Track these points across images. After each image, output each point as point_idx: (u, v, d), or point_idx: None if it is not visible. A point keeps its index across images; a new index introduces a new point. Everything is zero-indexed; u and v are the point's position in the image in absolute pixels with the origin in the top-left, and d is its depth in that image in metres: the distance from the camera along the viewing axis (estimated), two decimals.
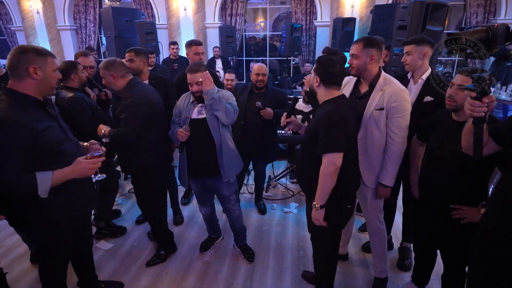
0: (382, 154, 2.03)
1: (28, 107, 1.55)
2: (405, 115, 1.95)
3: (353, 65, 2.00)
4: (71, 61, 2.62)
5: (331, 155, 1.69)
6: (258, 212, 3.47)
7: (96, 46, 8.78)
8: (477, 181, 1.72)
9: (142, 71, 2.82)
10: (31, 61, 1.53)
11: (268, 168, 4.45)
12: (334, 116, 1.70)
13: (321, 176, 1.73)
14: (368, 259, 2.68)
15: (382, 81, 1.99)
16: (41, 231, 1.73)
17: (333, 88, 1.80)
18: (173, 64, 5.53)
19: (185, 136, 2.28)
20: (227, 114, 2.26)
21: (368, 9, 7.13)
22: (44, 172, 1.53)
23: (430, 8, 3.11)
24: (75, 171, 1.60)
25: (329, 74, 1.78)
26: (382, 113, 1.95)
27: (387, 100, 1.93)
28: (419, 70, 2.23)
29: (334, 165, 1.69)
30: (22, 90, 1.56)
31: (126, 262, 2.70)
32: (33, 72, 1.54)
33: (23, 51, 1.54)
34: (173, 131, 2.41)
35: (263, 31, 11.27)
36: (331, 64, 1.78)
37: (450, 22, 9.29)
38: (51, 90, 1.66)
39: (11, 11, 8.70)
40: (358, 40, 1.99)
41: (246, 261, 2.68)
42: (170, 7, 7.82)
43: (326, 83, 1.79)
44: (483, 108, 1.21)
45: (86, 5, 8.59)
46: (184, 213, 3.42)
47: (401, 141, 1.97)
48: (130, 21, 5.88)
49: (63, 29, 8.66)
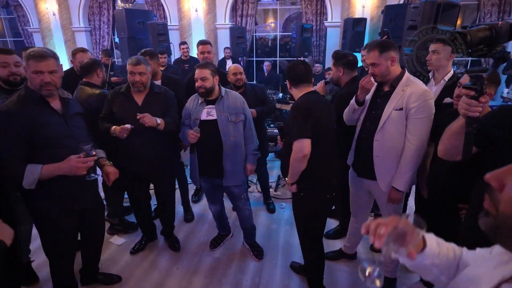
0: (399, 158, 1.96)
1: (32, 102, 1.71)
2: (426, 118, 1.87)
3: (376, 73, 1.94)
4: (94, 58, 2.76)
5: (298, 142, 1.88)
6: (267, 210, 3.51)
7: (110, 47, 8.95)
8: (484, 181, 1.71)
9: (157, 72, 2.90)
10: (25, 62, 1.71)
11: (277, 167, 4.49)
12: (298, 106, 1.94)
13: (291, 161, 1.94)
14: (377, 259, 2.68)
15: (404, 81, 1.93)
16: (35, 216, 1.88)
17: (303, 86, 2.00)
18: (184, 64, 5.60)
19: (196, 137, 2.31)
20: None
21: (379, 9, 7.08)
22: (34, 165, 1.67)
23: (441, 8, 3.10)
24: (63, 167, 1.70)
25: (295, 76, 2.00)
26: (402, 114, 1.89)
27: (406, 100, 1.87)
28: (443, 70, 2.18)
29: (301, 152, 1.88)
30: (30, 86, 1.74)
31: (138, 257, 2.77)
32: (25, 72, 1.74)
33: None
34: (183, 133, 2.45)
35: (274, 32, 11.29)
36: (294, 67, 2.01)
37: (464, 21, 9.15)
38: (39, 89, 1.72)
39: (28, 13, 8.95)
40: (371, 48, 1.93)
41: (255, 258, 2.72)
42: (181, 9, 7.93)
43: (295, 84, 2.02)
44: (478, 108, 1.18)
45: (100, 7, 8.77)
46: (195, 210, 3.47)
47: (419, 145, 1.89)
48: (142, 23, 5.98)
49: (78, 30, 8.87)
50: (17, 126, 1.63)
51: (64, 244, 1.97)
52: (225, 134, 2.36)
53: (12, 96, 1.73)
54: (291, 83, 2.04)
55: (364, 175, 2.16)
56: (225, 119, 2.36)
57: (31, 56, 1.68)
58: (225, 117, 2.36)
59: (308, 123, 1.87)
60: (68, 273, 2.08)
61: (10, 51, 2.19)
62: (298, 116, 1.90)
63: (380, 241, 0.78)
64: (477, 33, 1.16)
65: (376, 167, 2.01)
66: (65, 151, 1.74)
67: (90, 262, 2.37)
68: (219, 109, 2.37)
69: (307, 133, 1.87)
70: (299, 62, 2.04)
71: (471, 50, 1.18)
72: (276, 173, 4.34)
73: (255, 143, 2.54)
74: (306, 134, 1.87)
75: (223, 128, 2.35)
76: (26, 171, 1.64)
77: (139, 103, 2.39)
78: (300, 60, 2.10)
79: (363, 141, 2.12)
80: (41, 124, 1.69)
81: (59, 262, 2.01)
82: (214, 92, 2.38)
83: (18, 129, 1.63)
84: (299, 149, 1.88)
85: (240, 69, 3.01)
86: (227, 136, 2.36)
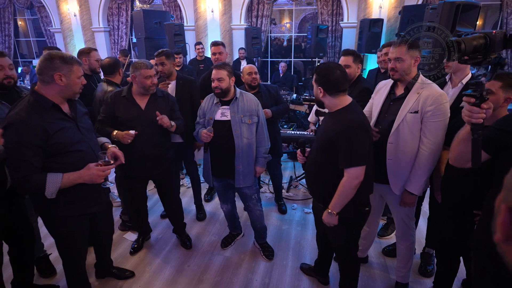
0: (413, 161, 1.94)
1: (43, 110, 1.64)
2: (442, 121, 1.84)
3: (397, 68, 1.91)
4: (116, 58, 2.87)
5: (355, 169, 1.68)
6: (278, 211, 3.51)
7: (127, 47, 9.14)
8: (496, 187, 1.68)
9: (172, 72, 2.96)
10: (57, 68, 1.62)
11: (290, 168, 4.49)
12: (355, 128, 1.66)
13: (342, 188, 1.73)
14: (388, 264, 2.65)
15: (419, 84, 1.91)
16: (50, 225, 1.86)
17: (341, 95, 1.75)
18: (199, 64, 5.67)
19: (209, 137, 2.35)
20: None
21: (397, 10, 6.96)
22: (55, 174, 1.64)
23: (460, 9, 3.02)
24: (84, 176, 1.70)
25: (332, 82, 1.72)
26: (417, 117, 1.87)
27: (422, 103, 1.84)
28: (461, 73, 2.14)
29: (357, 179, 1.69)
30: (44, 93, 1.66)
31: (150, 253, 2.83)
32: (58, 79, 1.64)
33: (50, 58, 1.63)
34: (197, 132, 2.49)
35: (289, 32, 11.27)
36: (330, 71, 1.73)
37: (486, 22, 8.88)
38: (73, 95, 1.76)
39: (51, 14, 9.23)
40: (400, 42, 1.90)
41: (266, 259, 2.73)
42: (198, 9, 8.01)
43: (332, 93, 1.74)
44: (481, 114, 1.17)
45: (119, 8, 8.96)
46: (207, 209, 3.51)
47: (434, 148, 1.87)
48: (159, 23, 6.09)
49: (97, 30, 9.09)
50: (34, 136, 1.57)
51: (78, 246, 1.99)
52: (238, 135, 2.38)
53: (21, 104, 1.64)
54: (326, 91, 1.74)
55: (376, 178, 2.13)
56: (239, 121, 2.38)
57: (76, 62, 1.69)
58: (239, 119, 2.38)
59: (366, 146, 1.68)
60: (81, 270, 2.11)
61: (3, 54, 2.11)
62: (356, 139, 1.65)
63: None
64: (471, 41, 1.16)
65: (388, 170, 1.99)
66: (76, 156, 1.73)
67: (103, 256, 2.44)
68: (233, 110, 2.39)
69: (364, 159, 1.68)
70: (335, 65, 1.76)
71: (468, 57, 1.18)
72: (288, 174, 4.34)
73: (267, 146, 2.54)
74: (363, 160, 1.68)
75: (236, 129, 2.37)
76: (48, 181, 1.62)
77: (142, 107, 2.42)
78: (334, 63, 1.80)
79: (375, 145, 2.10)
80: (55, 131, 1.64)
81: (72, 262, 2.03)
82: (229, 93, 2.41)
83: (35, 139, 1.58)
84: (355, 176, 1.68)
85: (254, 68, 3.02)
86: (240, 137, 2.38)
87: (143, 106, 2.43)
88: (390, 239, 2.94)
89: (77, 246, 1.98)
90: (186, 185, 4.11)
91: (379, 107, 2.11)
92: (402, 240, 2.23)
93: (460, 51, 1.17)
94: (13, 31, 10.01)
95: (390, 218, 3.04)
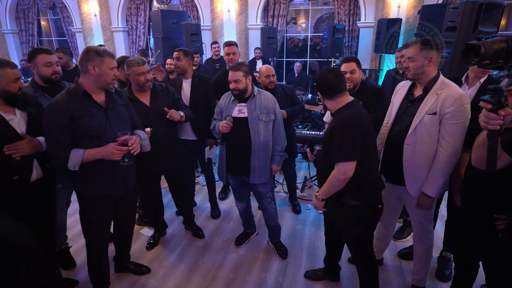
0: (430, 163, 1.91)
1: (76, 96, 1.86)
2: (461, 123, 1.80)
3: (410, 68, 1.90)
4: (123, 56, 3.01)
5: (343, 164, 1.74)
6: (293, 211, 3.51)
7: (145, 46, 9.31)
8: None
9: (187, 70, 3.01)
10: (91, 59, 1.84)
11: (304, 168, 4.48)
12: (346, 122, 1.74)
13: (331, 179, 1.81)
14: (404, 266, 2.62)
15: (439, 85, 1.87)
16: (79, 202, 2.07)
17: (339, 96, 1.83)
18: (215, 64, 5.72)
19: (228, 127, 2.38)
20: None
21: (416, 9, 6.83)
22: (77, 149, 1.85)
23: (483, 8, 2.95)
24: (101, 152, 1.87)
25: (327, 86, 1.82)
26: (435, 118, 1.83)
27: (441, 104, 1.81)
28: (478, 73, 2.12)
29: (344, 174, 1.75)
30: (83, 82, 1.89)
31: (166, 250, 2.88)
32: (91, 69, 1.84)
33: (86, 51, 1.87)
34: (214, 126, 2.53)
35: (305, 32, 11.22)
36: (324, 76, 1.83)
37: (510, 22, 8.60)
38: (106, 85, 1.93)
39: (72, 14, 9.50)
40: (415, 42, 1.90)
41: (279, 258, 2.74)
42: (214, 9, 8.08)
43: (328, 96, 1.84)
44: (498, 121, 1.14)
45: (138, 8, 9.14)
46: (221, 207, 3.54)
47: (453, 151, 1.83)
48: (177, 23, 6.18)
49: (116, 30, 9.29)
50: (60, 117, 1.80)
51: (98, 227, 2.12)
52: (255, 132, 2.41)
53: (60, 93, 1.88)
54: (323, 95, 1.88)
55: (393, 180, 2.11)
56: (256, 118, 2.41)
57: (108, 54, 1.88)
58: (256, 116, 2.41)
59: (356, 142, 1.71)
60: (101, 254, 2.21)
61: (50, 51, 2.27)
62: (346, 134, 1.72)
63: None
64: (492, 45, 1.12)
65: (405, 172, 1.97)
66: (102, 140, 1.89)
67: (122, 250, 2.51)
68: (251, 107, 2.42)
69: (354, 155, 1.72)
70: (327, 71, 1.87)
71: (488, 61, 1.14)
72: (303, 174, 4.33)
73: (283, 144, 2.56)
74: (353, 156, 1.72)
75: (253, 127, 2.40)
76: (71, 154, 1.83)
77: (147, 104, 2.49)
78: (328, 68, 1.93)
79: (392, 146, 2.08)
80: (81, 116, 1.83)
81: (92, 242, 2.15)
82: (247, 91, 2.44)
83: (63, 118, 1.80)
84: (342, 171, 1.75)
85: (272, 71, 3.02)
86: (257, 134, 2.41)
87: (147, 103, 2.50)
88: (406, 242, 2.90)
89: (98, 226, 2.12)
90: (201, 183, 4.16)
91: (397, 108, 2.08)
92: (419, 243, 2.20)
93: (479, 55, 1.14)
94: (37, 31, 10.35)
95: (406, 220, 2.99)
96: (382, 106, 2.53)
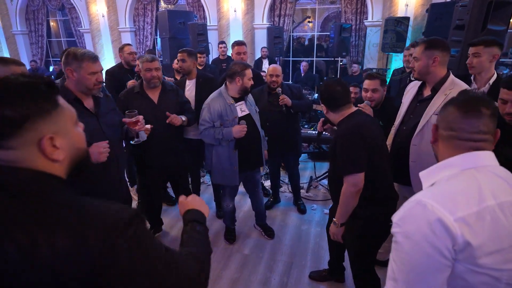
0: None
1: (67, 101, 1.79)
2: None
3: (415, 68, 1.92)
4: None
5: (352, 177, 1.68)
6: (298, 211, 3.50)
7: (152, 46, 9.37)
8: None
9: (192, 71, 3.04)
10: (69, 64, 1.77)
11: (310, 168, 4.46)
12: (348, 133, 1.70)
13: (343, 197, 1.73)
14: None
15: (448, 85, 1.85)
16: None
17: (343, 109, 1.78)
18: (222, 64, 5.73)
19: (245, 130, 2.44)
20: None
21: (424, 8, 6.74)
22: None
23: (492, 5, 2.90)
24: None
25: (332, 98, 1.79)
26: None
27: None
28: (485, 74, 2.07)
29: (355, 186, 1.68)
30: (68, 87, 1.82)
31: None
32: (70, 73, 1.78)
33: (66, 54, 1.78)
34: (222, 133, 2.45)
35: (311, 31, 11.18)
36: (329, 88, 1.79)
37: None
38: (88, 90, 1.83)
39: (80, 15, 9.61)
40: (421, 42, 1.91)
41: (268, 238, 2.98)
42: (221, 9, 8.09)
43: (333, 108, 1.80)
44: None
45: (145, 8, 9.20)
46: None
47: None
48: (183, 23, 6.20)
49: (124, 31, 9.37)
50: None
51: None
52: (258, 124, 2.62)
53: None
54: (328, 107, 1.82)
55: (400, 180, 2.09)
56: (254, 111, 2.63)
57: (88, 58, 1.77)
58: (254, 110, 2.63)
59: (361, 153, 1.66)
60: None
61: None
62: (349, 145, 1.67)
63: None
64: None
65: (411, 172, 1.95)
66: None
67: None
68: (248, 104, 2.61)
69: (361, 166, 1.66)
70: (334, 82, 1.83)
71: None
72: (308, 174, 4.32)
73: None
74: (360, 167, 1.66)
75: (257, 120, 2.61)
76: None
77: (155, 101, 2.54)
78: (335, 79, 1.88)
79: (399, 146, 2.05)
80: None
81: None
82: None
83: None
84: (352, 183, 1.68)
85: (277, 71, 3.01)
86: (259, 125, 2.64)
87: (155, 100, 2.54)
88: None
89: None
90: (206, 182, 4.17)
91: (406, 108, 2.07)
92: None
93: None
94: (46, 32, 10.49)
95: None
96: None
